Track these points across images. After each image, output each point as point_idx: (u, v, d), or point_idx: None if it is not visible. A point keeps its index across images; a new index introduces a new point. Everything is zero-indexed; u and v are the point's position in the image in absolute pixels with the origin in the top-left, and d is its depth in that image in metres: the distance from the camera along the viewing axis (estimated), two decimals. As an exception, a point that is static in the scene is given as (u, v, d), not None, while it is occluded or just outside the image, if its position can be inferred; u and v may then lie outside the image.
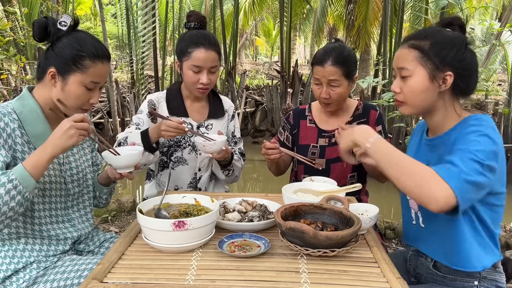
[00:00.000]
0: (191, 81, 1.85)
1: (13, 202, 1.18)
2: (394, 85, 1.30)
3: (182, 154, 1.96)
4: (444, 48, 1.22)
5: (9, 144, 1.30)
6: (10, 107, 1.36)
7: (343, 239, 1.15)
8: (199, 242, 1.22)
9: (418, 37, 1.26)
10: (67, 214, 1.51)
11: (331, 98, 1.85)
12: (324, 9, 13.23)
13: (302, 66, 17.72)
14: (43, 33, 1.36)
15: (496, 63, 11.42)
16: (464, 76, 1.23)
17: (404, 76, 1.26)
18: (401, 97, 1.29)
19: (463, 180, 1.08)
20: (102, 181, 1.63)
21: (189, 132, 1.75)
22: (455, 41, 1.23)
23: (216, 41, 1.87)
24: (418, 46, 1.24)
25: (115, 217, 3.74)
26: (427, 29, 1.30)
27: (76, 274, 1.32)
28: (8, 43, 5.91)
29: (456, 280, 1.29)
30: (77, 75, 1.35)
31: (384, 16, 7.17)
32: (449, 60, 1.21)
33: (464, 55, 1.22)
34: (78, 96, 1.37)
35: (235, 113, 2.13)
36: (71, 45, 1.35)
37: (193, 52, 1.81)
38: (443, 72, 1.22)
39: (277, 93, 8.25)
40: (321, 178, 1.78)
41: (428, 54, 1.22)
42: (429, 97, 1.25)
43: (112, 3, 16.66)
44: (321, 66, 1.82)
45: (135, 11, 7.68)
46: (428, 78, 1.23)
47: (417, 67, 1.24)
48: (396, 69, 1.30)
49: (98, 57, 1.37)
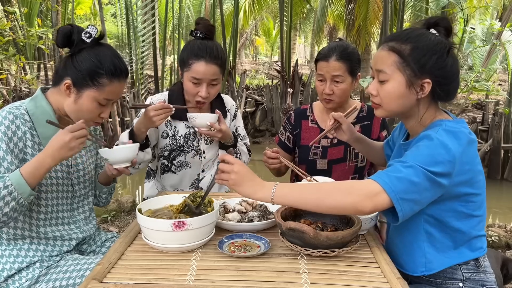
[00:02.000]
0: (190, 93, 1.83)
1: (7, 208, 1.19)
2: (371, 87, 1.28)
3: (185, 158, 1.94)
4: (424, 55, 1.18)
5: (19, 148, 1.30)
6: (23, 107, 1.36)
7: (343, 239, 1.15)
8: (199, 243, 1.22)
9: (399, 39, 1.22)
10: (72, 215, 1.51)
11: (334, 95, 1.85)
12: (324, 8, 13.23)
13: (302, 66, 17.73)
14: (66, 41, 1.35)
15: (497, 63, 11.41)
16: (443, 83, 1.21)
17: (382, 80, 1.24)
18: (377, 100, 1.27)
19: (393, 177, 1.08)
20: (102, 180, 1.63)
21: (173, 108, 1.70)
22: (436, 48, 1.19)
23: (219, 54, 1.80)
24: (398, 50, 1.20)
25: (115, 217, 3.74)
26: (410, 32, 1.24)
27: (78, 273, 1.33)
28: (8, 43, 5.91)
29: (440, 283, 1.28)
30: (92, 91, 1.35)
31: (384, 16, 7.16)
32: (428, 68, 1.18)
33: (445, 62, 1.19)
34: (90, 111, 1.38)
35: (238, 112, 2.11)
36: (90, 60, 1.34)
37: (193, 64, 1.76)
38: (421, 79, 1.19)
39: (277, 93, 8.25)
40: (321, 178, 1.77)
41: (407, 60, 1.19)
42: (405, 103, 1.23)
43: (111, 3, 16.65)
44: (326, 61, 1.82)
45: (135, 11, 7.68)
46: (406, 85, 1.20)
47: (395, 72, 1.21)
48: (374, 70, 1.27)
49: (115, 76, 1.36)
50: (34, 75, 6.89)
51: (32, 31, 5.12)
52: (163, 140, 1.93)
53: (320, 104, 2.01)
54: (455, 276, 1.26)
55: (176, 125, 1.93)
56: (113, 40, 16.78)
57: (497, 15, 12.68)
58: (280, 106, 8.08)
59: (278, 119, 8.08)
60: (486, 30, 11.81)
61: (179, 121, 1.93)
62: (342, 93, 1.85)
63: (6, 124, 1.27)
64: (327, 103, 1.90)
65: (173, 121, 1.92)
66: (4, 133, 1.26)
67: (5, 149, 1.26)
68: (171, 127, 1.93)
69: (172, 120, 1.92)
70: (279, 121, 8.04)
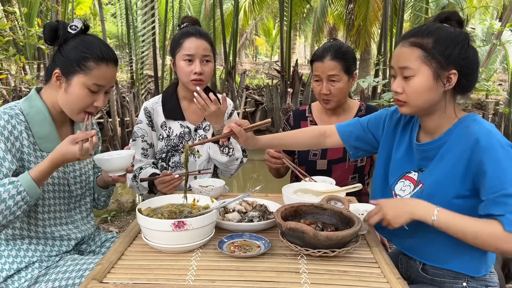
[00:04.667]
0: (184, 73, 1.82)
1: (19, 211, 1.22)
2: (395, 85, 1.26)
3: (180, 158, 1.93)
4: (448, 46, 1.19)
5: (16, 147, 1.31)
6: (18, 107, 1.36)
7: (343, 239, 1.15)
8: (199, 242, 1.22)
9: (419, 34, 1.22)
10: (70, 216, 1.51)
11: (331, 94, 1.85)
12: (324, 8, 13.21)
13: (302, 65, 17.71)
14: (53, 36, 1.37)
15: (497, 63, 11.42)
16: (467, 74, 1.21)
17: (407, 76, 1.23)
18: (403, 97, 1.25)
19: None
20: (101, 184, 1.63)
21: (179, 175, 1.73)
22: (458, 39, 1.19)
23: (207, 34, 1.87)
24: (420, 44, 1.20)
25: (115, 217, 3.74)
26: (428, 26, 1.25)
27: (77, 273, 1.33)
28: (8, 43, 5.91)
29: (444, 282, 1.28)
30: (80, 77, 1.35)
31: (384, 16, 7.17)
32: (453, 58, 1.19)
33: (467, 52, 1.20)
34: (80, 98, 1.37)
35: (234, 112, 2.09)
36: (77, 47, 1.35)
37: (184, 42, 1.81)
38: (447, 70, 1.19)
39: (277, 93, 8.25)
40: (321, 177, 1.77)
41: (432, 52, 1.19)
42: (433, 96, 1.22)
43: (111, 3, 16.64)
44: (321, 61, 1.84)
45: (135, 11, 7.68)
46: (433, 77, 1.20)
47: (421, 66, 1.20)
48: (396, 68, 1.26)
49: (102, 59, 1.36)
50: (34, 75, 6.89)
51: (32, 31, 5.11)
52: (160, 143, 1.93)
53: (319, 105, 2.01)
54: (459, 275, 1.26)
55: (170, 125, 1.93)
56: (113, 40, 16.77)
57: (497, 15, 12.67)
58: (280, 106, 8.08)
59: (278, 119, 8.08)
60: (486, 30, 11.80)
61: (173, 121, 1.92)
62: (339, 92, 1.85)
63: (2, 124, 1.27)
64: (326, 103, 1.90)
65: (167, 121, 1.92)
66: (1, 133, 1.27)
67: (4, 149, 1.26)
68: (166, 127, 1.92)
69: (166, 121, 1.92)
70: (279, 121, 8.03)
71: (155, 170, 1.85)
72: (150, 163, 1.93)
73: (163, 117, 1.91)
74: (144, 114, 1.92)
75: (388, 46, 7.14)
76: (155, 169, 1.86)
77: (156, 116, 1.92)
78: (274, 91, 8.32)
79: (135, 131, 1.93)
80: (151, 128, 1.92)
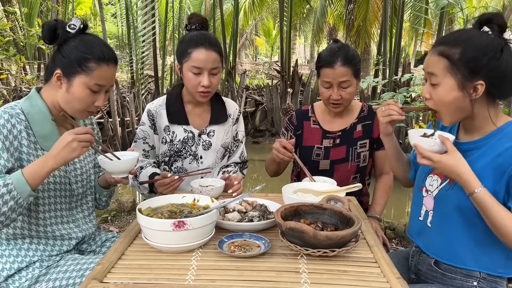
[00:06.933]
0: (191, 84, 1.78)
1: (6, 207, 1.18)
2: (425, 90, 1.27)
3: (183, 164, 1.91)
4: (475, 58, 1.17)
5: (14, 146, 1.31)
6: (19, 107, 1.37)
7: (343, 239, 1.15)
8: (199, 242, 1.22)
9: (448, 43, 1.21)
10: (71, 214, 1.51)
11: (343, 99, 1.84)
12: (324, 9, 13.23)
13: (302, 66, 17.72)
14: (52, 35, 1.37)
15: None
16: (497, 83, 1.19)
17: (434, 83, 1.23)
18: (431, 104, 1.27)
19: None
20: (102, 184, 1.63)
21: (178, 176, 1.71)
22: (487, 49, 1.17)
23: (217, 42, 1.80)
24: (447, 54, 1.19)
25: (115, 217, 3.74)
26: (459, 34, 1.23)
27: (78, 273, 1.33)
28: (8, 43, 5.91)
29: (455, 279, 1.30)
30: (82, 77, 1.35)
31: (384, 16, 7.17)
32: (480, 70, 1.17)
33: (498, 62, 1.17)
34: (82, 98, 1.37)
35: (240, 116, 2.05)
36: (77, 47, 1.35)
37: (193, 53, 1.74)
38: (472, 82, 1.18)
39: (277, 93, 8.25)
40: (321, 178, 1.77)
41: (457, 64, 1.18)
42: (460, 105, 1.22)
43: (112, 3, 16.66)
44: (331, 68, 1.80)
45: (135, 11, 7.68)
46: (457, 88, 1.19)
47: (446, 76, 1.20)
48: (426, 72, 1.26)
49: (103, 60, 1.37)
50: (35, 75, 6.89)
51: (32, 31, 5.12)
52: (162, 146, 1.91)
53: (322, 105, 2.00)
54: (471, 273, 1.27)
55: (174, 130, 1.90)
56: (113, 40, 16.78)
57: (497, 15, 12.66)
58: (280, 106, 8.08)
59: (278, 119, 8.08)
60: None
61: (177, 126, 1.89)
62: (350, 96, 1.86)
63: (1, 123, 1.28)
64: (336, 107, 1.89)
65: (171, 126, 1.89)
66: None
67: (1, 147, 1.26)
68: (169, 132, 1.90)
69: (170, 125, 1.89)
70: (279, 121, 8.04)
71: (156, 170, 1.84)
72: (151, 162, 1.92)
73: (167, 121, 1.89)
74: (147, 117, 1.89)
75: (387, 46, 7.14)
76: (155, 169, 1.86)
77: (159, 119, 1.89)
78: (274, 91, 8.32)
79: (137, 132, 1.92)
80: (153, 131, 1.90)
